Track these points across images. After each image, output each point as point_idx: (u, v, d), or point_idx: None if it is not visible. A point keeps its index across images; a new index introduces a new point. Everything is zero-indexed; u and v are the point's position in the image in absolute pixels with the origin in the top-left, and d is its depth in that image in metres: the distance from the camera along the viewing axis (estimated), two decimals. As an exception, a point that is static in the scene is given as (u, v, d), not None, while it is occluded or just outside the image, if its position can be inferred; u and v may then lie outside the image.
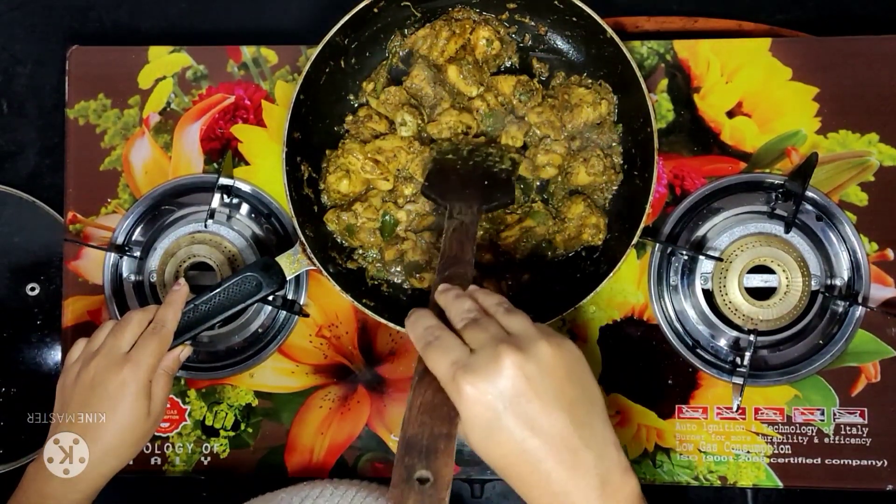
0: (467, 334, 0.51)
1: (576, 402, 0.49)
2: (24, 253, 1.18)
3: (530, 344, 0.49)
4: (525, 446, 0.48)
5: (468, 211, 0.71)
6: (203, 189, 0.89)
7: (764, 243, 0.82)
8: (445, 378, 0.49)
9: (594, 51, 0.82)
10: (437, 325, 0.53)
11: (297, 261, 0.79)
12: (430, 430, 0.49)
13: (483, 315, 0.53)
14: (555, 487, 0.48)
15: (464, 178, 0.78)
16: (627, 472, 0.50)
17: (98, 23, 1.33)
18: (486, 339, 0.50)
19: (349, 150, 0.81)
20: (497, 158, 0.80)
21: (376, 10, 0.80)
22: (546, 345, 0.50)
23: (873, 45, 0.87)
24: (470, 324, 0.52)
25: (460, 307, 0.54)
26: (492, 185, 0.77)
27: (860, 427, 0.84)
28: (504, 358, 0.48)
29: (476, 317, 0.53)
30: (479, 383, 0.47)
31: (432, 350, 0.51)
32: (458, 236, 0.67)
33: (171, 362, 0.71)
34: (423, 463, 0.48)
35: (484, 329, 0.51)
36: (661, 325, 0.85)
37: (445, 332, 0.52)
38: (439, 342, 0.51)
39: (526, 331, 0.51)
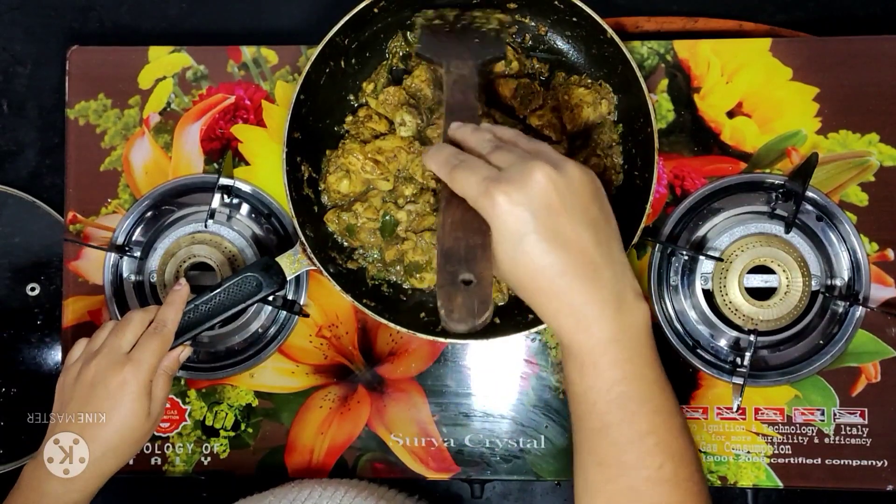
0: (493, 156, 0.51)
1: (598, 222, 0.51)
2: (24, 253, 1.18)
3: (560, 161, 0.50)
4: (550, 258, 0.48)
5: (463, 64, 0.71)
6: (203, 189, 0.89)
7: (764, 243, 0.82)
8: (476, 192, 0.49)
9: (594, 51, 0.82)
10: (460, 151, 0.53)
11: (298, 261, 0.79)
12: (466, 241, 0.50)
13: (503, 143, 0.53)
14: (573, 299, 0.49)
15: (454, 37, 0.79)
16: (640, 296, 0.52)
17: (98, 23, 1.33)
18: (516, 157, 0.50)
19: (349, 150, 0.81)
20: (484, 20, 0.81)
21: (376, 10, 0.80)
22: (574, 165, 0.50)
23: (873, 45, 0.87)
24: (494, 150, 0.52)
25: (480, 138, 0.54)
26: (482, 42, 0.78)
27: (860, 427, 0.84)
28: (536, 170, 0.48)
29: (498, 144, 0.53)
30: (512, 192, 0.48)
31: (460, 171, 0.50)
32: (460, 87, 0.67)
33: (171, 362, 0.71)
34: (465, 267, 0.50)
35: (510, 150, 0.51)
36: (661, 325, 0.85)
37: (471, 156, 0.52)
38: (466, 164, 0.51)
39: (552, 152, 0.52)
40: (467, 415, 0.87)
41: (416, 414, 0.86)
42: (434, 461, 0.86)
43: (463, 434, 0.86)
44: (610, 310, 0.50)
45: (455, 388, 0.87)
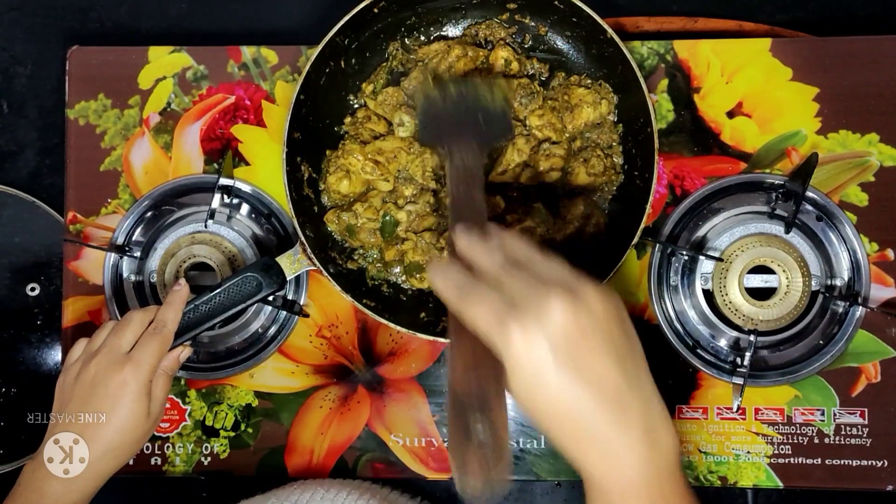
0: (505, 280, 0.47)
1: (623, 349, 0.47)
2: (24, 253, 1.18)
3: (578, 287, 0.46)
4: (573, 394, 0.45)
5: (468, 151, 0.67)
6: (203, 189, 0.89)
7: (764, 243, 0.82)
8: (489, 326, 0.45)
9: (594, 51, 0.82)
10: (469, 275, 0.48)
11: (298, 261, 0.79)
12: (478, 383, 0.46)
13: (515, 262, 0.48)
14: (600, 436, 0.46)
15: (457, 117, 0.73)
16: (670, 426, 0.48)
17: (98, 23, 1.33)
18: (530, 284, 0.46)
19: (349, 150, 0.81)
20: (487, 93, 0.74)
21: (376, 10, 0.80)
22: (594, 290, 0.46)
23: (873, 45, 0.87)
24: (503, 272, 0.47)
25: (490, 258, 0.49)
26: (488, 121, 0.73)
27: (860, 427, 0.84)
28: (553, 299, 0.44)
29: (506, 265, 0.48)
30: (528, 326, 0.44)
31: (469, 302, 0.46)
32: (464, 179, 0.63)
33: (171, 363, 0.71)
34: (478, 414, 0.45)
35: (521, 279, 0.46)
36: (661, 325, 0.85)
37: (481, 283, 0.47)
38: (477, 293, 0.46)
39: (569, 276, 0.47)
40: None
41: (416, 414, 0.86)
42: (434, 461, 0.86)
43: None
44: (641, 446, 0.46)
45: (455, 388, 0.87)
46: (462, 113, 0.73)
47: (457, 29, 0.86)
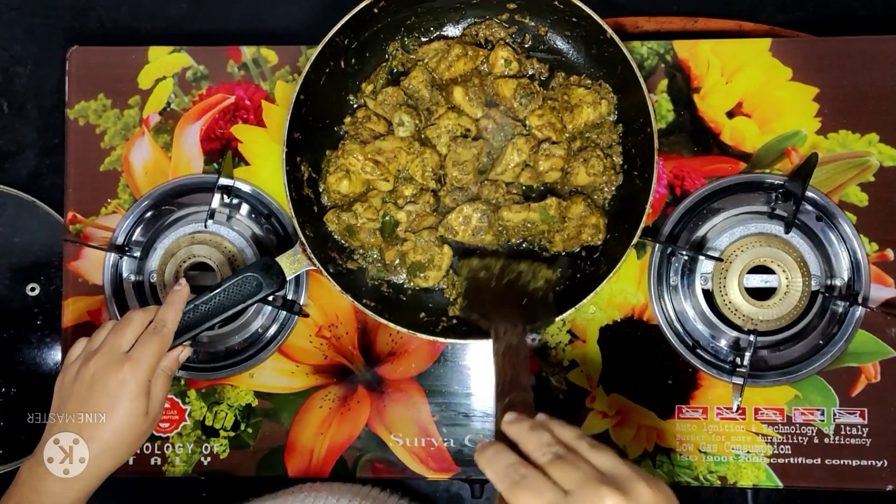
0: (556, 472, 0.48)
1: None
2: (24, 253, 1.18)
3: (630, 484, 0.47)
4: None
5: (513, 331, 0.68)
6: (203, 189, 0.89)
7: (764, 243, 0.82)
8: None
9: (594, 51, 0.82)
10: (520, 461, 0.50)
11: (298, 261, 0.79)
12: None
13: (566, 450, 0.50)
14: None
15: (501, 296, 0.75)
16: None
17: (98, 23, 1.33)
18: (582, 479, 0.47)
19: (349, 150, 0.81)
20: (530, 277, 0.77)
21: (376, 10, 0.80)
22: (645, 486, 0.47)
23: (873, 45, 0.87)
24: (555, 460, 0.49)
25: (538, 440, 0.51)
26: (531, 305, 0.75)
27: (860, 427, 0.84)
28: (606, 500, 0.45)
29: (559, 452, 0.49)
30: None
31: (521, 491, 0.47)
32: (510, 359, 0.65)
33: (170, 363, 0.71)
34: None
35: (575, 467, 0.48)
36: (661, 326, 0.85)
37: (532, 471, 0.48)
38: (528, 482, 0.47)
39: (620, 470, 0.48)
40: (467, 415, 0.87)
41: (416, 414, 0.86)
42: (434, 461, 0.86)
43: (463, 434, 0.86)
44: None
45: (455, 388, 0.87)
46: (507, 293, 0.75)
47: (457, 29, 0.86)
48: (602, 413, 0.85)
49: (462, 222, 0.81)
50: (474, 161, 0.82)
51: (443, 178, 0.83)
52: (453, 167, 0.81)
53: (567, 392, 0.86)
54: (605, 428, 0.85)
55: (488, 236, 0.81)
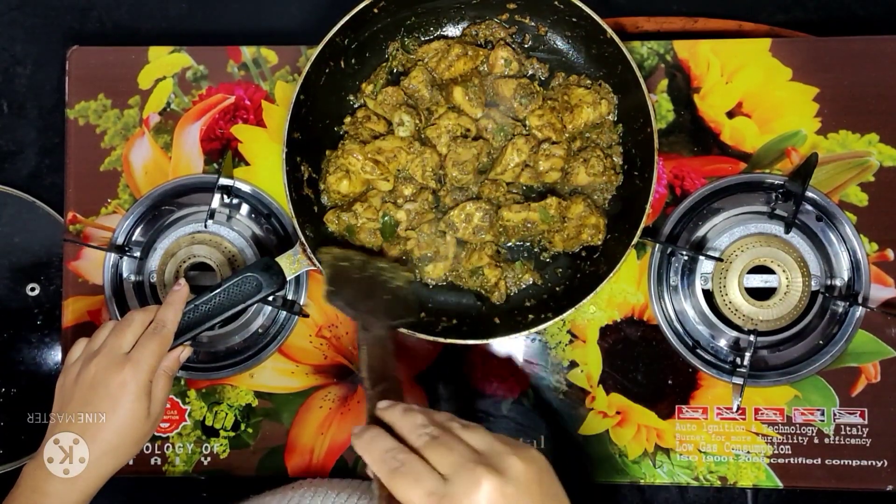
0: (432, 455, 0.50)
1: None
2: (24, 253, 1.18)
3: (503, 462, 0.49)
4: None
5: (378, 324, 0.71)
6: (203, 189, 0.89)
7: (764, 243, 0.82)
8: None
9: (594, 51, 0.82)
10: (398, 446, 0.51)
11: (298, 261, 0.79)
12: None
13: (439, 431, 0.52)
14: None
15: (364, 289, 0.77)
16: None
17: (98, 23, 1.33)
18: (458, 461, 0.49)
19: (349, 150, 0.81)
20: (390, 274, 0.79)
21: (376, 10, 0.80)
22: (518, 460, 0.50)
23: (873, 45, 0.87)
24: (431, 442, 0.51)
25: (412, 421, 0.53)
26: (393, 302, 0.77)
27: (860, 427, 0.84)
28: (483, 483, 0.48)
29: (433, 432, 0.51)
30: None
31: (401, 478, 0.49)
32: (379, 351, 0.68)
33: (171, 363, 0.71)
34: None
35: (450, 448, 0.50)
36: (661, 326, 0.85)
37: (410, 456, 0.50)
38: (407, 468, 0.49)
39: (492, 446, 0.51)
40: (467, 415, 0.87)
41: (415, 414, 0.86)
42: (434, 461, 0.86)
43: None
44: None
45: (455, 388, 0.87)
46: (370, 287, 0.77)
47: (457, 29, 0.86)
48: (602, 413, 0.85)
49: (464, 220, 0.81)
50: (474, 161, 0.82)
51: (443, 177, 0.83)
52: (453, 167, 0.81)
53: (567, 392, 0.86)
54: (605, 428, 0.85)
55: (488, 235, 0.81)
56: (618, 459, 0.85)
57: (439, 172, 0.83)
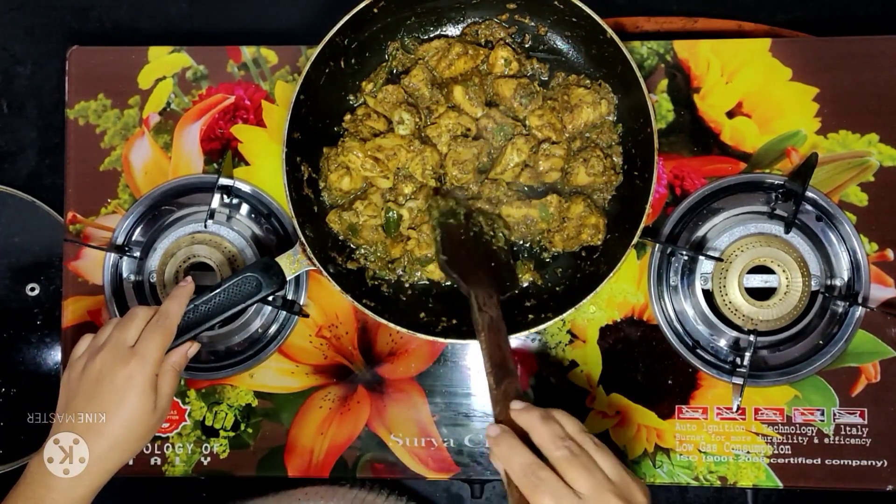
0: (571, 473, 0.55)
1: None
2: (24, 253, 1.18)
3: (631, 494, 0.55)
4: None
5: (490, 302, 0.71)
6: (203, 189, 0.89)
7: (764, 243, 0.82)
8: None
9: (594, 51, 0.82)
10: (537, 462, 0.55)
11: (297, 261, 0.79)
12: None
13: (577, 447, 0.56)
14: None
15: (473, 255, 0.78)
16: None
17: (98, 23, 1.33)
18: (595, 486, 0.54)
19: (349, 147, 0.81)
20: (490, 233, 0.80)
21: (376, 10, 0.80)
22: (641, 494, 0.56)
23: (873, 45, 0.87)
24: (570, 459, 0.55)
25: (551, 432, 0.57)
26: (497, 269, 0.78)
27: (860, 427, 0.84)
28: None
29: (572, 448, 0.56)
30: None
31: (541, 493, 0.54)
32: (495, 337, 0.68)
33: (179, 358, 0.71)
34: None
35: (589, 471, 0.55)
36: (661, 326, 0.85)
37: (548, 473, 0.55)
38: (546, 486, 0.54)
39: (623, 477, 0.56)
40: (467, 415, 0.87)
41: (416, 414, 0.86)
42: (434, 461, 0.86)
43: (463, 434, 0.86)
44: None
45: (455, 388, 0.87)
46: (476, 252, 0.78)
47: (457, 29, 0.86)
48: (602, 413, 0.85)
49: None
50: (474, 160, 0.82)
51: (443, 176, 0.83)
52: (453, 166, 0.81)
53: (567, 392, 0.86)
54: (605, 428, 0.85)
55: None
56: (618, 459, 0.85)
57: (439, 171, 0.83)
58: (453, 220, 0.80)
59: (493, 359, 0.66)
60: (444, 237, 0.79)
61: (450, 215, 0.80)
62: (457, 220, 0.80)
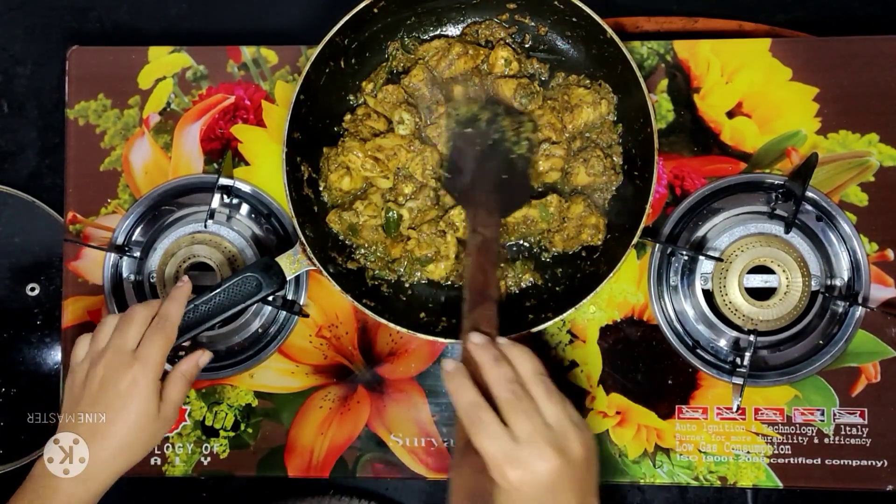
0: (511, 417, 0.58)
1: (588, 489, 0.60)
2: (24, 253, 1.18)
3: (568, 444, 0.58)
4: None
5: (489, 220, 0.71)
6: (203, 189, 0.89)
7: (764, 243, 0.82)
8: (492, 463, 0.56)
9: (594, 51, 0.82)
10: (481, 402, 0.59)
11: (297, 261, 0.79)
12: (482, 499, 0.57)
13: (522, 391, 0.59)
14: None
15: (482, 168, 0.77)
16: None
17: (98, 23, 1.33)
18: (531, 432, 0.57)
19: (349, 147, 0.81)
20: (514, 139, 0.80)
21: (376, 10, 0.80)
22: (579, 445, 0.58)
23: (873, 45, 0.87)
24: (513, 402, 0.58)
25: (499, 374, 0.60)
26: (510, 182, 0.77)
27: (860, 427, 0.84)
28: (549, 458, 0.56)
29: (516, 392, 0.59)
30: (525, 476, 0.56)
31: (480, 432, 0.57)
32: (482, 260, 0.68)
33: (190, 367, 0.71)
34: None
35: (528, 417, 0.58)
36: (661, 326, 0.85)
37: (489, 415, 0.58)
38: (486, 426, 0.57)
39: (563, 425, 0.58)
40: (467, 415, 0.87)
41: (416, 414, 0.86)
42: (434, 461, 0.86)
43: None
44: None
45: (455, 388, 0.87)
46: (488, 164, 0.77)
47: (457, 29, 0.86)
48: (602, 413, 0.85)
49: (464, 218, 0.81)
50: (474, 161, 0.82)
51: (443, 176, 0.83)
52: (453, 167, 0.81)
53: (567, 392, 0.86)
54: (605, 428, 0.85)
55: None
56: (618, 459, 0.85)
57: (439, 171, 0.83)
58: (472, 128, 0.78)
59: (474, 283, 0.67)
60: (455, 150, 0.78)
61: (469, 123, 0.79)
62: (476, 128, 0.78)
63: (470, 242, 0.70)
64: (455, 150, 0.79)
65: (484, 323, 0.64)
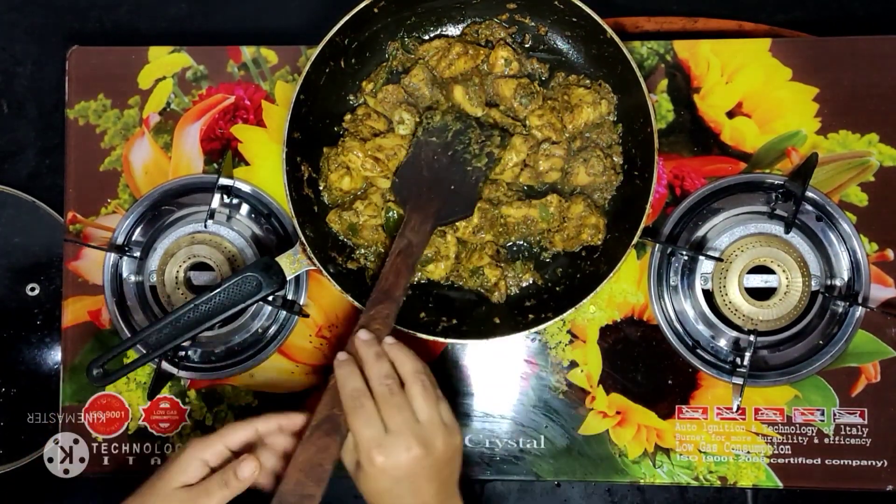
0: (384, 409, 0.63)
1: (448, 480, 0.66)
2: (24, 253, 1.18)
3: (433, 439, 0.63)
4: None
5: (421, 228, 0.75)
6: (203, 189, 0.89)
7: (764, 243, 0.82)
8: (363, 446, 0.62)
9: (594, 51, 0.82)
10: (363, 390, 0.64)
11: (298, 261, 0.79)
12: (302, 489, 0.61)
13: (397, 387, 0.64)
14: None
15: (432, 180, 0.79)
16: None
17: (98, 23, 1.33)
18: (400, 424, 0.62)
19: (349, 147, 0.81)
20: (476, 151, 0.81)
21: (376, 10, 0.80)
22: (443, 442, 0.63)
23: (873, 45, 0.87)
24: (387, 396, 0.63)
25: (379, 370, 0.64)
26: (456, 193, 0.79)
27: (860, 427, 0.84)
28: (412, 449, 0.61)
29: (391, 388, 0.63)
30: (388, 461, 0.61)
31: (357, 416, 0.62)
32: (400, 263, 0.72)
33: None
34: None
35: (399, 411, 0.63)
36: (661, 326, 0.85)
37: (369, 402, 0.63)
38: (364, 411, 0.62)
39: (432, 423, 0.63)
40: (467, 415, 0.87)
41: (415, 414, 0.86)
42: (434, 461, 0.86)
43: (463, 434, 0.86)
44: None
45: (455, 388, 0.87)
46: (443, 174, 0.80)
47: (457, 29, 0.86)
48: (602, 413, 0.85)
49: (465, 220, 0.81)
50: (474, 161, 0.82)
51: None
52: (453, 167, 0.81)
53: (567, 392, 0.86)
54: (605, 428, 0.85)
55: (488, 235, 0.81)
56: (618, 459, 0.85)
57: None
58: (437, 138, 0.81)
59: (384, 282, 0.71)
60: (412, 157, 0.80)
61: (438, 132, 0.81)
62: (441, 139, 0.81)
63: (396, 243, 0.74)
64: (413, 157, 0.81)
65: (378, 321, 0.69)
